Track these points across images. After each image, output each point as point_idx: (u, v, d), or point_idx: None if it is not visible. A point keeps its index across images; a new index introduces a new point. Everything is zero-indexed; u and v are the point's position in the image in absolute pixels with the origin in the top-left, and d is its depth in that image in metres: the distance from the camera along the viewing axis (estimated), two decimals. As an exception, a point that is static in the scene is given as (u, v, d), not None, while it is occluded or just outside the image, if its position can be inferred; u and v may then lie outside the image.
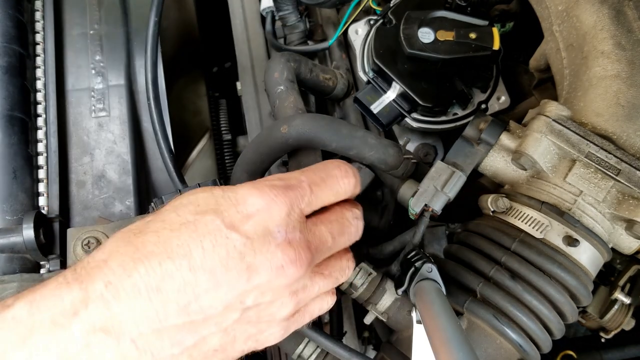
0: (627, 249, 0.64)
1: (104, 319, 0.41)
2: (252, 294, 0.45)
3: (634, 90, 0.64)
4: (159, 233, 0.45)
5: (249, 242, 0.45)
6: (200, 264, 0.43)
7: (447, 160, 0.67)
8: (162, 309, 0.42)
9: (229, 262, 0.44)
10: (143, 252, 0.44)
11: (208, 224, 0.45)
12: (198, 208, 0.46)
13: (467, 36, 0.79)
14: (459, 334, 0.44)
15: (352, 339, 0.88)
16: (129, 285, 0.42)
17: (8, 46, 0.80)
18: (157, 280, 0.43)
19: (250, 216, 0.46)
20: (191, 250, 0.44)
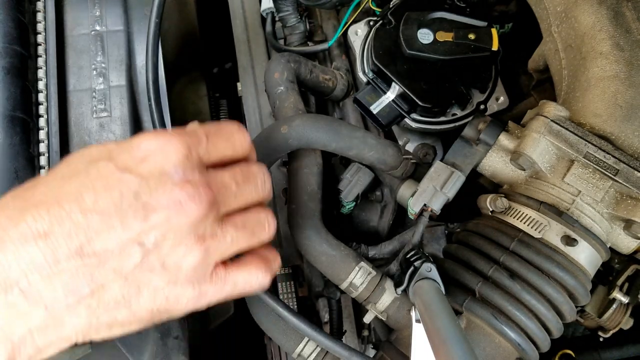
0: (626, 249, 0.65)
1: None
2: (150, 233, 0.43)
3: (632, 91, 0.64)
4: (49, 183, 0.44)
5: (144, 182, 0.43)
6: (92, 207, 0.42)
7: (446, 161, 0.67)
8: (52, 254, 0.40)
9: (123, 202, 0.42)
10: (31, 202, 0.42)
11: (100, 169, 0.44)
12: (90, 158, 0.45)
13: (466, 37, 0.79)
14: (458, 333, 0.45)
15: (352, 338, 0.88)
16: (16, 234, 0.40)
17: (9, 47, 0.80)
18: (46, 225, 0.41)
19: (144, 158, 0.44)
20: (82, 194, 0.42)
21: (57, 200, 0.42)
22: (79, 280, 0.41)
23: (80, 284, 0.42)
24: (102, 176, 0.43)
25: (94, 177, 0.43)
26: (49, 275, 0.41)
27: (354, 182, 0.77)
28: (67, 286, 0.41)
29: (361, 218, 0.84)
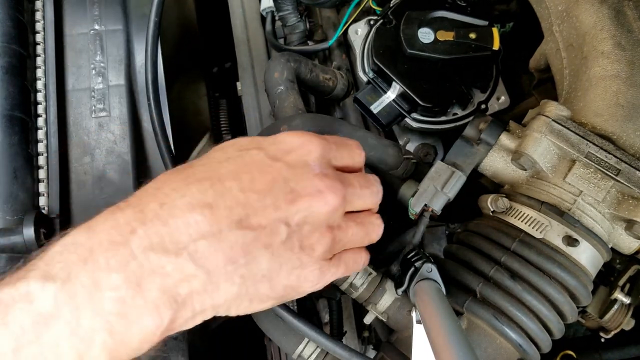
0: (627, 249, 0.64)
1: (161, 235, 0.43)
2: (296, 216, 0.48)
3: (633, 91, 0.64)
4: (207, 165, 0.49)
5: (291, 170, 0.49)
6: (249, 186, 0.47)
7: (447, 160, 0.67)
8: (216, 224, 0.44)
9: (275, 186, 0.48)
10: (193, 178, 0.46)
11: (253, 156, 0.49)
12: (242, 146, 0.51)
13: (467, 36, 0.79)
14: (458, 333, 0.44)
15: (352, 339, 0.88)
16: (183, 204, 0.44)
17: (8, 46, 0.80)
18: (210, 197, 0.45)
19: (290, 151, 0.51)
20: (240, 174, 0.47)
21: (219, 178, 0.47)
22: (237, 250, 0.45)
23: (237, 253, 0.45)
24: (255, 162, 0.49)
25: (248, 162, 0.49)
26: (213, 243, 0.44)
27: (354, 182, 0.76)
28: (227, 254, 0.45)
29: (361, 218, 0.84)
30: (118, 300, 0.41)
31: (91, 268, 0.41)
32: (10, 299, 0.39)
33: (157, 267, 0.42)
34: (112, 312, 0.40)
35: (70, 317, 0.39)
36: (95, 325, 0.40)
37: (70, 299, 0.39)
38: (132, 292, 0.41)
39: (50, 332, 0.38)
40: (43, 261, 0.41)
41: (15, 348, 0.37)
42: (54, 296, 0.39)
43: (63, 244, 0.42)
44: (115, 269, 0.41)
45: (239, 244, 0.45)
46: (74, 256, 0.41)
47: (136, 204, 0.45)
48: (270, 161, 0.49)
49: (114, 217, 0.44)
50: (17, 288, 0.39)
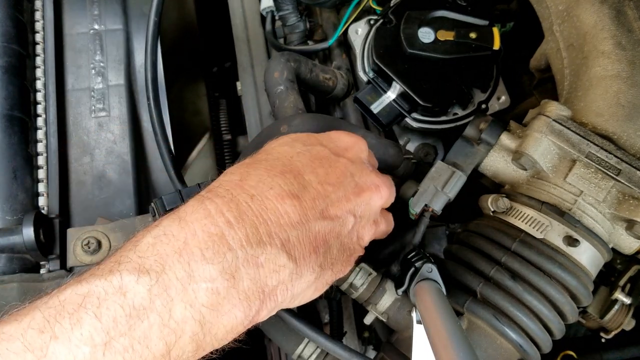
0: (628, 249, 0.64)
1: (255, 226, 0.44)
2: (360, 207, 0.52)
3: (634, 90, 0.64)
4: (281, 159, 0.50)
5: (353, 165, 0.53)
6: (325, 179, 0.50)
7: (448, 160, 0.67)
8: (304, 214, 0.47)
9: (344, 180, 0.51)
10: (275, 171, 0.48)
11: (319, 152, 0.52)
12: (306, 142, 0.54)
13: (467, 36, 0.79)
14: (459, 334, 0.44)
15: (352, 339, 0.88)
16: (273, 195, 0.46)
17: (8, 46, 0.80)
18: (296, 190, 0.47)
19: (347, 148, 0.55)
20: (315, 168, 0.50)
21: (298, 171, 0.49)
22: (320, 239, 0.48)
23: (319, 243, 0.48)
24: (324, 157, 0.52)
25: (317, 156, 0.52)
26: (302, 233, 0.46)
27: (354, 182, 0.76)
28: (312, 244, 0.47)
29: (361, 218, 0.84)
30: (212, 292, 0.41)
31: (186, 260, 0.40)
32: (103, 292, 0.38)
33: (251, 257, 0.43)
34: (206, 304, 0.40)
35: (163, 309, 0.39)
36: (187, 317, 0.40)
37: (164, 292, 0.39)
38: (226, 284, 0.41)
39: (142, 324, 0.38)
40: (136, 253, 0.41)
41: (107, 341, 0.37)
42: (148, 290, 0.39)
43: (155, 235, 0.42)
44: (211, 260, 0.41)
45: (321, 234, 0.48)
46: (168, 247, 0.41)
47: (224, 194, 0.45)
48: (335, 157, 0.53)
49: (205, 207, 0.44)
50: (110, 281, 0.39)
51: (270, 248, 0.44)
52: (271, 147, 0.54)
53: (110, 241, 0.68)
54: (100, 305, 0.37)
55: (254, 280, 0.43)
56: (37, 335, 0.35)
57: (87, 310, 0.37)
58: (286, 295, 0.46)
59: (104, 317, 0.37)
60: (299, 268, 0.46)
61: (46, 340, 0.35)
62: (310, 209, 0.47)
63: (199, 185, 0.63)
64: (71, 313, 0.37)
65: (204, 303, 0.40)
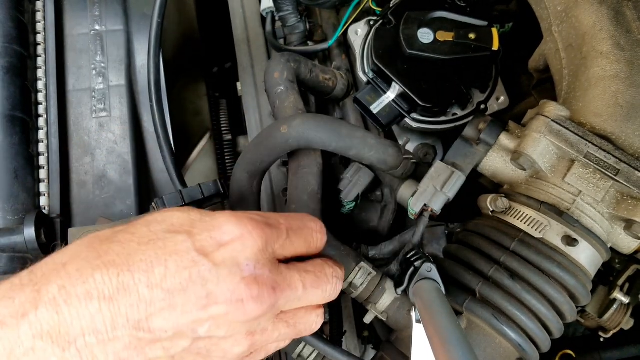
0: (626, 249, 0.65)
1: (52, 324, 0.40)
2: (206, 323, 0.43)
3: (632, 91, 0.64)
4: (125, 245, 0.43)
5: (214, 270, 0.43)
6: (159, 282, 0.42)
7: (447, 161, 0.67)
8: (111, 321, 0.41)
9: (189, 286, 0.42)
10: (104, 260, 0.42)
11: (178, 244, 0.44)
12: (171, 227, 0.45)
13: (466, 37, 0.79)
14: (458, 333, 0.44)
15: (352, 339, 0.88)
16: (82, 292, 0.41)
17: (9, 46, 0.80)
18: (112, 290, 0.41)
19: (222, 244, 0.45)
20: (153, 266, 0.42)
21: (129, 267, 0.42)
22: (130, 351, 0.42)
23: (130, 355, 0.42)
24: (177, 252, 0.43)
25: (169, 251, 0.43)
26: (104, 341, 0.41)
27: (354, 182, 0.76)
28: (118, 355, 0.41)
29: (361, 218, 0.84)
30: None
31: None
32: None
33: (42, 357, 0.39)
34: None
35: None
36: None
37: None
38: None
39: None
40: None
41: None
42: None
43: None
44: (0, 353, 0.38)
45: (132, 346, 0.42)
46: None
47: (37, 280, 0.41)
48: (195, 254, 0.44)
49: (12, 294, 0.41)
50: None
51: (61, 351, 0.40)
52: (137, 222, 0.47)
53: (111, 241, 0.68)
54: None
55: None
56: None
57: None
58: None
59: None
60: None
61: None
62: (122, 316, 0.41)
63: (200, 186, 0.63)
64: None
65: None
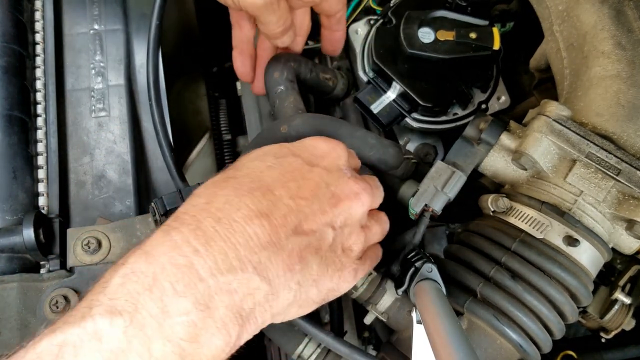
0: (628, 249, 0.64)
1: (224, 252, 0.42)
2: (339, 217, 0.50)
3: (634, 90, 0.64)
4: (250, 176, 0.49)
5: (329, 175, 0.51)
6: (296, 193, 0.48)
7: (447, 160, 0.67)
8: (275, 233, 0.45)
9: (319, 191, 0.49)
10: (243, 190, 0.46)
11: (292, 163, 0.51)
12: (277, 154, 0.52)
13: (467, 36, 0.79)
14: (459, 334, 0.44)
15: (352, 339, 0.88)
16: (240, 217, 0.44)
17: (7, 46, 0.80)
18: (264, 208, 0.45)
19: (322, 156, 0.53)
20: (286, 182, 0.48)
21: (267, 187, 0.47)
22: (294, 257, 0.46)
23: (294, 260, 0.46)
24: (296, 169, 0.50)
25: (289, 169, 0.50)
26: (274, 253, 0.45)
27: (354, 182, 0.76)
28: (286, 262, 0.46)
29: (361, 218, 0.84)
30: (189, 324, 0.40)
31: (158, 296, 0.39)
32: (78, 339, 0.37)
33: (224, 285, 0.42)
34: (183, 337, 0.39)
35: (141, 348, 0.38)
36: (166, 352, 0.39)
37: (140, 331, 0.38)
38: (201, 315, 0.40)
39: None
40: (106, 295, 0.40)
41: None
42: (123, 331, 0.38)
43: (122, 274, 0.41)
44: (183, 293, 0.40)
45: (295, 251, 0.46)
46: (138, 286, 0.40)
47: (190, 221, 0.44)
48: (309, 167, 0.51)
49: (171, 237, 0.43)
50: (84, 327, 0.38)
51: (241, 273, 0.43)
52: (241, 162, 0.52)
53: (110, 241, 0.68)
54: (77, 354, 0.36)
55: (230, 307, 0.42)
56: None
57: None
58: (266, 315, 0.46)
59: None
60: (274, 288, 0.45)
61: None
62: (281, 227, 0.46)
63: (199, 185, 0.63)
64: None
65: (181, 337, 0.39)
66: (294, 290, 0.47)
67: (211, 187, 0.48)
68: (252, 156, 0.53)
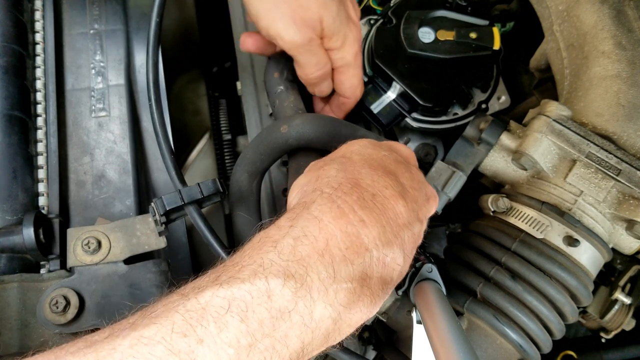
0: (628, 249, 0.64)
1: (383, 226, 0.45)
2: (427, 214, 0.54)
3: (634, 90, 0.64)
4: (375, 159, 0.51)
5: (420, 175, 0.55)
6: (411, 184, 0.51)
7: (448, 160, 0.67)
8: (409, 215, 0.48)
9: (420, 186, 0.53)
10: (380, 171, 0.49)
11: (397, 159, 0.54)
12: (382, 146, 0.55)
13: (467, 36, 0.79)
14: (459, 334, 0.44)
15: (352, 340, 0.88)
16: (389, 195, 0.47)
17: (8, 46, 0.80)
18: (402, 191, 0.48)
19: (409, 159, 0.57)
20: (404, 173, 0.52)
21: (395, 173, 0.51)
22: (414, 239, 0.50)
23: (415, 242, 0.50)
24: (402, 165, 0.53)
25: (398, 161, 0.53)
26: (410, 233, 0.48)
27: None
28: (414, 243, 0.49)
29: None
30: (350, 291, 0.42)
31: (328, 261, 0.41)
32: (249, 296, 0.39)
33: (382, 256, 0.44)
34: (343, 303, 0.41)
35: (305, 310, 0.40)
36: (325, 316, 0.41)
37: (307, 293, 0.40)
38: (362, 283, 0.43)
39: (284, 325, 0.39)
40: (278, 256, 0.41)
41: (251, 342, 0.37)
42: (293, 292, 0.39)
43: (295, 236, 0.42)
44: (352, 260, 0.42)
45: (416, 235, 0.50)
46: (310, 249, 0.42)
47: (350, 192, 0.46)
48: (409, 166, 0.54)
49: (337, 205, 0.44)
50: (257, 285, 0.39)
51: (395, 248, 0.45)
52: (350, 149, 0.54)
53: (110, 241, 0.68)
54: (247, 309, 0.38)
55: (381, 279, 0.45)
56: (180, 339, 0.35)
57: (233, 313, 0.37)
58: (392, 287, 0.48)
59: (250, 320, 0.38)
60: (405, 266, 0.48)
61: (191, 344, 0.35)
62: (412, 211, 0.49)
63: (199, 185, 0.63)
64: (216, 317, 0.37)
65: (341, 302, 0.41)
66: (407, 268, 0.49)
67: (342, 165, 0.50)
68: (361, 144, 0.55)
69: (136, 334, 0.35)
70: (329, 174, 0.49)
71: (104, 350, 0.35)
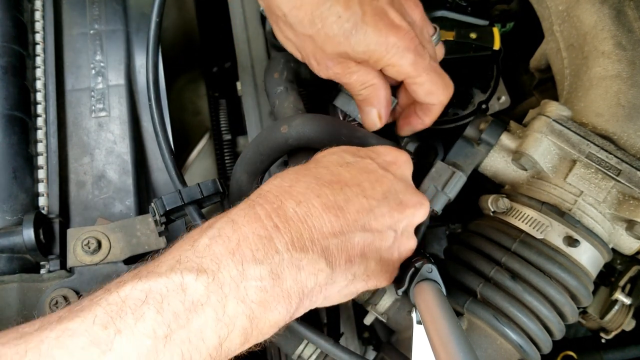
0: (628, 250, 0.64)
1: (300, 232, 0.47)
2: (402, 223, 0.54)
3: (634, 91, 0.64)
4: (330, 169, 0.53)
5: (398, 182, 0.55)
6: (370, 193, 0.52)
7: (448, 161, 0.67)
8: (346, 225, 0.49)
9: (389, 195, 0.53)
10: (323, 180, 0.51)
11: (367, 165, 0.55)
12: (355, 154, 0.56)
13: (467, 36, 0.79)
14: (459, 334, 0.44)
15: (352, 340, 0.88)
16: (319, 204, 0.49)
17: (8, 46, 0.80)
18: (340, 200, 0.50)
19: (393, 163, 0.57)
20: (361, 181, 0.52)
21: (345, 183, 0.52)
22: (357, 250, 0.51)
23: (357, 253, 0.51)
24: (371, 170, 0.54)
25: (365, 170, 0.54)
26: (341, 242, 0.49)
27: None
28: (349, 254, 0.50)
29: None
30: (261, 289, 0.44)
31: (239, 260, 0.44)
32: (165, 289, 0.41)
33: (295, 260, 0.46)
34: (255, 300, 0.44)
35: (218, 304, 0.42)
36: (238, 312, 0.43)
37: (219, 289, 0.43)
38: (272, 282, 0.45)
39: (199, 318, 0.41)
40: (194, 253, 0.44)
41: (168, 333, 0.40)
42: (205, 287, 0.42)
43: (211, 236, 0.45)
44: (260, 261, 0.45)
45: (359, 246, 0.51)
46: (222, 248, 0.44)
47: (273, 200, 0.49)
48: (382, 171, 0.55)
49: (255, 211, 0.47)
50: (172, 279, 0.42)
51: (311, 254, 0.47)
52: (321, 156, 0.57)
53: (110, 241, 0.68)
54: (162, 301, 0.40)
55: (296, 281, 0.46)
56: (101, 330, 0.38)
57: (150, 305, 0.40)
58: (319, 297, 0.50)
59: (166, 312, 0.40)
60: (334, 274, 0.49)
61: (110, 335, 0.38)
62: (353, 221, 0.50)
63: (199, 185, 0.63)
64: (133, 309, 0.39)
65: (253, 300, 0.44)
66: (348, 280, 0.51)
67: (293, 174, 0.52)
68: (331, 151, 0.57)
69: (62, 327, 0.38)
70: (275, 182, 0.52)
71: (32, 342, 0.37)
